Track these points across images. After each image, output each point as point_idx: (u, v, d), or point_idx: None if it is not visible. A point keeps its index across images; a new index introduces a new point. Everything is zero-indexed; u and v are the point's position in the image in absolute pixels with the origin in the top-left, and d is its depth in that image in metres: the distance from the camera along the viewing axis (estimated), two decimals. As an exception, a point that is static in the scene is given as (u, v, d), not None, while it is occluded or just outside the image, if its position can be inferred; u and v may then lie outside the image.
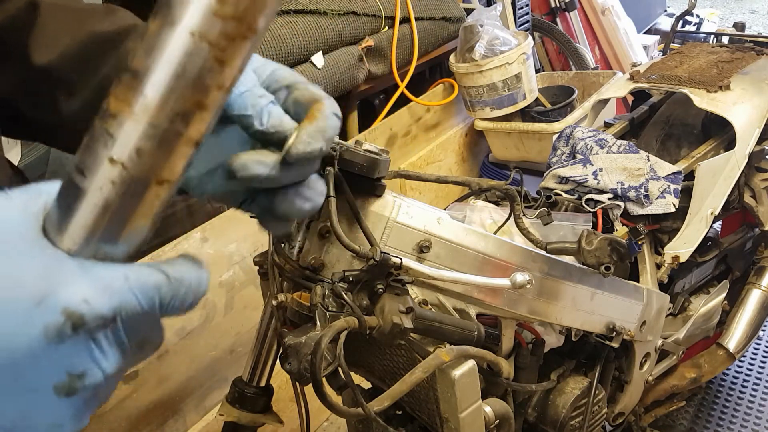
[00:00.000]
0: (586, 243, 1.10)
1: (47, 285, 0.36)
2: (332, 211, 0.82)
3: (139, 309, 0.39)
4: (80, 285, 0.37)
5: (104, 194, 0.38)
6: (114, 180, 0.38)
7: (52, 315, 0.36)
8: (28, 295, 0.36)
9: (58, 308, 0.36)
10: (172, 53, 0.36)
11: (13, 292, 0.36)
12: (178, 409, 1.72)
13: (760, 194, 1.72)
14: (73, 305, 0.36)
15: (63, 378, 0.37)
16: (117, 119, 0.37)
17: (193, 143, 0.39)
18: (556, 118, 2.88)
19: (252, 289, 1.84)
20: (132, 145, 0.37)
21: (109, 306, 0.37)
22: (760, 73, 1.75)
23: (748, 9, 6.72)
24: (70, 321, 0.36)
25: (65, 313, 0.36)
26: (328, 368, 0.77)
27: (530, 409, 1.24)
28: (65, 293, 0.36)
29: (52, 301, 0.36)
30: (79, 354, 0.37)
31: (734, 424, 2.04)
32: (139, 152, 0.37)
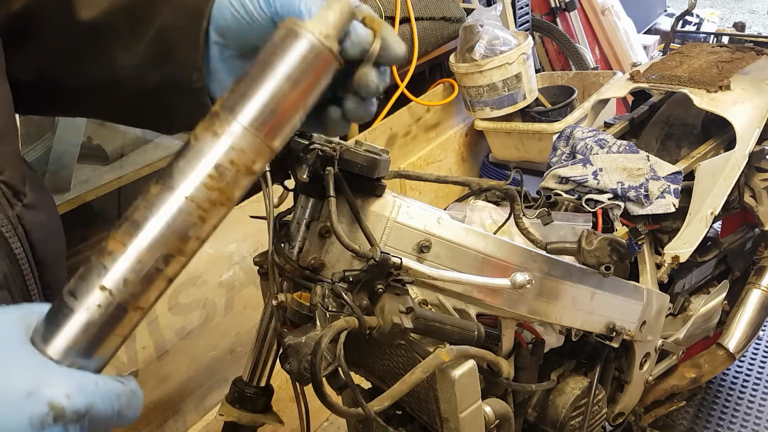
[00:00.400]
0: (586, 243, 1.10)
1: (37, 382, 0.43)
2: (332, 211, 0.82)
3: (103, 411, 0.46)
4: (63, 384, 0.44)
5: (90, 314, 0.47)
6: (100, 303, 0.47)
7: (38, 406, 0.42)
8: (20, 389, 0.43)
9: (44, 401, 0.43)
10: (167, 209, 0.48)
11: (7, 385, 0.43)
12: (178, 409, 1.72)
13: (760, 194, 1.72)
14: (56, 399, 0.43)
15: None
16: (112, 255, 0.47)
17: (168, 279, 0.49)
18: (556, 118, 2.88)
19: (252, 289, 1.84)
20: (120, 276, 0.47)
21: (83, 403, 0.44)
22: (760, 73, 1.75)
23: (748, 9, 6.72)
24: (53, 412, 0.43)
25: (50, 405, 0.43)
26: (328, 368, 0.78)
27: (530, 409, 1.24)
28: (51, 389, 0.43)
29: (40, 394, 0.43)
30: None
31: (734, 424, 2.04)
32: (125, 282, 0.47)
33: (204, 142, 0.49)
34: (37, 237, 0.64)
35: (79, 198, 1.79)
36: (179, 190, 0.49)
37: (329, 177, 0.83)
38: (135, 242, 0.48)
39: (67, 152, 1.81)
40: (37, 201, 0.65)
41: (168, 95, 0.64)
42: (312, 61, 0.51)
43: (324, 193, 0.84)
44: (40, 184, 0.70)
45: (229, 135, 0.49)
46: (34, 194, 0.65)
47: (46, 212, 0.67)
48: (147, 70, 0.63)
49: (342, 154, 0.85)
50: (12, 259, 0.60)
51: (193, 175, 0.49)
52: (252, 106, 0.50)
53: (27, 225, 0.63)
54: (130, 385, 0.49)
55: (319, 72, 0.52)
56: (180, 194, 0.48)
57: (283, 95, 0.51)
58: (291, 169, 0.89)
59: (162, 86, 0.64)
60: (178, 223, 0.48)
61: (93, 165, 1.93)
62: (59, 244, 0.71)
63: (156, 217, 0.48)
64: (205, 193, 0.49)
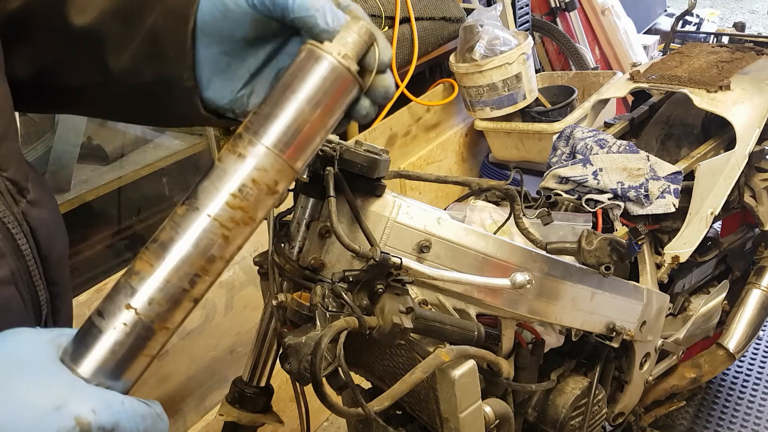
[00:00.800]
0: (586, 243, 1.10)
1: (65, 397, 0.45)
2: (332, 211, 0.82)
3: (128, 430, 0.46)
4: (90, 400, 0.45)
5: (118, 335, 0.48)
6: (128, 323, 0.48)
7: (66, 420, 0.43)
8: (49, 402, 0.44)
9: (71, 415, 0.44)
10: (193, 229, 0.49)
11: (36, 399, 0.44)
12: (178, 409, 1.72)
13: (760, 194, 1.72)
14: (83, 415, 0.44)
15: None
16: (140, 276, 0.49)
17: (194, 300, 0.50)
18: (556, 118, 2.88)
19: (252, 289, 1.84)
20: (148, 296, 0.48)
21: (108, 420, 0.45)
22: (760, 73, 1.75)
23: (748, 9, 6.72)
24: (79, 427, 0.43)
25: (77, 420, 0.44)
26: (328, 368, 0.78)
27: (530, 409, 1.24)
28: (78, 405, 0.44)
29: (67, 409, 0.44)
30: None
31: (734, 424, 2.04)
32: (153, 302, 0.48)
33: (228, 163, 0.51)
34: (42, 233, 0.64)
35: (79, 198, 1.79)
36: (203, 210, 0.50)
37: (329, 177, 0.83)
38: (161, 263, 0.49)
39: (67, 152, 1.81)
40: (41, 198, 0.66)
41: (160, 93, 0.65)
42: (333, 82, 0.53)
43: (324, 193, 0.84)
44: (42, 182, 0.70)
45: (253, 156, 0.51)
46: (36, 191, 0.65)
47: (49, 209, 0.68)
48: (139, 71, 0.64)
49: (342, 154, 0.85)
50: (19, 255, 0.61)
51: (216, 195, 0.50)
52: (275, 128, 0.51)
53: (32, 221, 0.63)
54: (156, 409, 0.50)
55: (340, 93, 0.54)
56: (204, 214, 0.50)
57: (305, 117, 0.52)
58: (291, 169, 0.89)
59: (154, 85, 0.64)
60: (203, 243, 0.50)
61: (93, 165, 1.93)
62: (62, 240, 0.72)
63: (181, 237, 0.49)
64: (229, 212, 0.50)
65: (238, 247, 0.52)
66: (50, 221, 0.67)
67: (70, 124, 1.83)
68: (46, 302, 0.65)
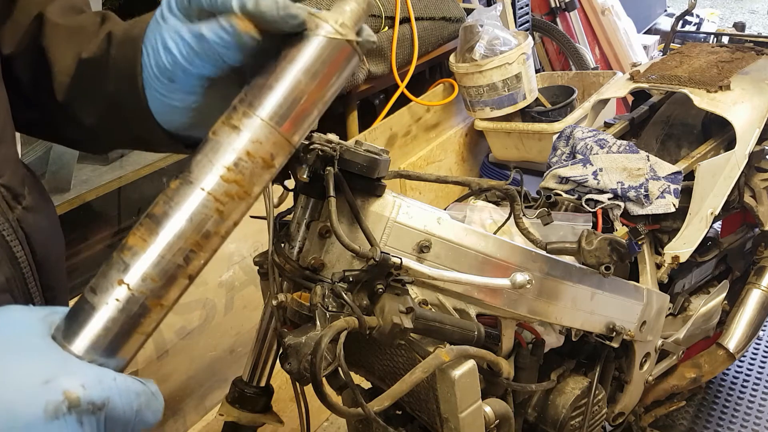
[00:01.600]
0: (586, 243, 1.10)
1: (54, 371, 0.43)
2: (332, 211, 0.82)
3: (121, 407, 0.45)
4: (80, 375, 0.44)
5: (110, 310, 0.46)
6: (120, 300, 0.46)
7: (54, 394, 0.42)
8: (38, 377, 0.43)
9: (60, 389, 0.43)
10: (187, 204, 0.48)
11: (25, 374, 0.43)
12: (178, 409, 1.72)
13: (760, 194, 1.72)
14: (72, 388, 0.43)
15: None
16: (133, 251, 0.47)
17: (189, 276, 0.49)
18: (556, 118, 2.88)
19: (252, 289, 1.84)
20: (142, 272, 0.47)
21: (99, 395, 0.44)
22: (760, 73, 1.75)
23: (748, 9, 6.72)
24: (67, 401, 0.43)
25: (65, 394, 0.43)
26: (328, 368, 0.77)
27: (530, 409, 1.24)
28: (68, 379, 0.43)
29: (56, 383, 0.43)
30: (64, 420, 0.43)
31: (734, 424, 2.04)
32: (147, 278, 0.47)
33: (222, 136, 0.49)
34: (38, 240, 0.64)
35: (79, 198, 1.79)
36: (197, 184, 0.48)
37: (329, 177, 0.83)
38: (155, 238, 0.47)
39: (67, 152, 1.81)
40: (37, 204, 0.66)
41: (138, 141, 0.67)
42: (331, 53, 0.51)
43: (324, 193, 0.83)
44: (39, 187, 0.70)
45: (248, 128, 0.49)
46: (33, 197, 0.65)
47: (45, 215, 0.67)
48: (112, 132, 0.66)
49: (342, 154, 0.84)
50: (14, 263, 0.61)
51: (210, 169, 0.48)
52: (271, 100, 0.49)
53: (27, 228, 0.63)
54: (150, 387, 0.49)
55: (338, 64, 0.52)
56: (198, 188, 0.48)
57: (302, 88, 0.50)
58: (291, 169, 0.89)
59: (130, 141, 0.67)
60: (197, 218, 0.48)
61: (93, 165, 1.94)
62: (59, 246, 0.72)
63: (175, 212, 0.48)
64: (224, 186, 0.48)
65: (234, 223, 0.50)
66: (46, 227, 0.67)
67: (70, 124, 1.83)
68: None
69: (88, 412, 0.43)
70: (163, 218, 0.48)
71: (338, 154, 0.84)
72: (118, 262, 0.47)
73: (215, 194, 0.48)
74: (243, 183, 0.49)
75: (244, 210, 0.51)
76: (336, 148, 0.84)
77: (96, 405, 0.44)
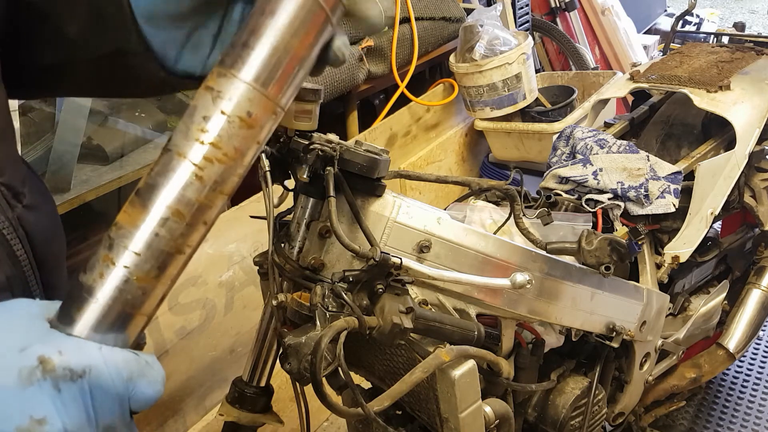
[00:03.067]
0: (586, 243, 1.10)
1: (32, 341, 0.43)
2: (332, 211, 0.82)
3: (107, 376, 0.43)
4: (59, 342, 0.43)
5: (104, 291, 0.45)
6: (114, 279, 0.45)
7: (28, 360, 0.41)
8: (15, 345, 0.42)
9: (35, 355, 0.42)
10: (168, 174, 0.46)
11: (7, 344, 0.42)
12: (178, 409, 1.72)
13: (760, 194, 1.72)
14: (47, 354, 0.42)
15: (25, 422, 0.41)
16: (118, 226, 0.46)
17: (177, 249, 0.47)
18: (556, 118, 2.88)
19: (252, 289, 1.83)
20: (127, 248, 0.45)
21: (77, 361, 0.42)
22: (760, 73, 1.75)
23: (748, 9, 6.72)
24: (41, 366, 0.41)
25: (39, 359, 0.41)
26: (328, 368, 0.78)
27: (530, 409, 1.24)
28: (44, 346, 0.42)
29: (32, 350, 0.42)
30: (43, 399, 0.41)
31: (734, 424, 2.04)
32: (137, 256, 0.45)
33: (198, 99, 0.47)
34: (38, 238, 0.64)
35: (79, 198, 1.79)
36: (174, 150, 0.46)
37: (329, 177, 0.83)
38: (139, 210, 0.46)
39: (67, 152, 1.81)
40: (37, 202, 0.65)
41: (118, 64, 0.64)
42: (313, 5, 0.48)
43: (324, 193, 0.84)
44: (40, 186, 0.70)
45: (221, 86, 0.46)
46: (33, 195, 0.65)
47: (46, 213, 0.67)
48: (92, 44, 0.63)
49: (342, 154, 0.85)
50: (14, 261, 0.60)
51: (186, 134, 0.46)
52: (252, 60, 0.47)
53: (27, 226, 0.63)
54: (143, 357, 0.47)
55: (321, 17, 0.49)
56: (174, 154, 0.46)
57: (284, 46, 0.47)
58: (291, 169, 0.89)
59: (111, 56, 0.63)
60: (176, 186, 0.46)
61: (93, 165, 1.93)
62: (60, 245, 0.71)
63: (156, 182, 0.46)
64: (200, 150, 0.46)
65: (220, 190, 0.48)
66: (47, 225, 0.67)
67: (70, 124, 1.83)
68: None
69: (65, 378, 0.42)
70: (145, 190, 0.46)
71: (338, 154, 0.84)
72: (105, 240, 0.46)
73: (192, 160, 0.46)
74: (221, 145, 0.46)
75: (230, 175, 0.48)
76: (336, 148, 0.84)
77: (74, 371, 0.42)
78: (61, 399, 0.42)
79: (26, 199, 0.63)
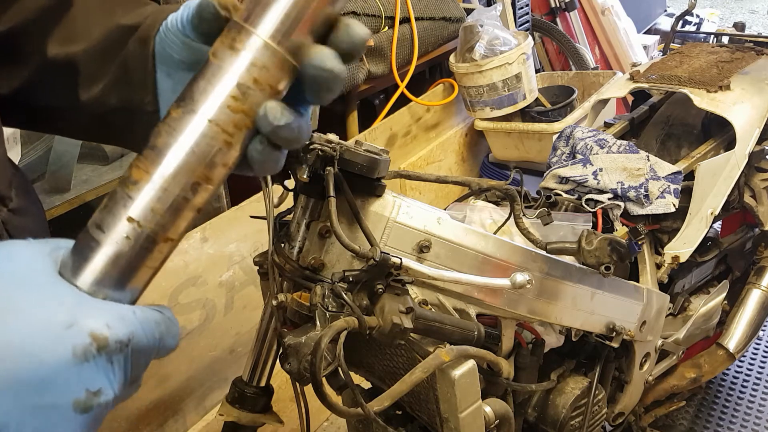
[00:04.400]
0: (586, 243, 1.10)
1: (75, 313, 0.42)
2: (332, 211, 0.82)
3: (144, 339, 0.45)
4: (103, 314, 0.43)
5: (118, 246, 0.45)
6: (128, 235, 0.45)
7: (81, 337, 0.41)
8: (59, 320, 0.41)
9: (85, 331, 0.41)
10: (190, 134, 0.45)
11: (45, 317, 0.41)
12: (178, 409, 1.72)
13: (760, 194, 1.72)
14: (98, 330, 0.42)
15: (81, 395, 0.42)
16: (137, 185, 0.45)
17: (196, 209, 0.47)
18: (556, 118, 2.88)
19: (252, 289, 1.84)
20: (147, 206, 0.45)
21: (124, 332, 0.43)
22: (760, 73, 1.75)
23: (748, 9, 6.72)
24: (96, 343, 0.42)
25: (92, 336, 0.42)
26: (328, 368, 0.78)
27: (530, 409, 1.24)
28: (91, 320, 0.42)
29: (80, 325, 0.42)
30: (98, 373, 0.42)
31: (734, 424, 2.04)
32: (153, 211, 0.45)
33: (224, 60, 0.46)
34: None
35: (79, 198, 1.79)
36: (201, 114, 0.46)
37: (329, 177, 0.83)
38: (159, 170, 0.45)
39: (67, 152, 1.81)
40: (24, 206, 0.65)
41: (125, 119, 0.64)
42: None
43: (324, 193, 0.84)
44: (28, 189, 0.69)
45: (252, 51, 0.45)
46: (20, 199, 0.64)
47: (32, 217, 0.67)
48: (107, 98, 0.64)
49: (342, 154, 0.85)
50: None
51: (214, 97, 0.46)
52: (272, 15, 0.45)
53: (12, 230, 0.62)
54: (166, 313, 0.48)
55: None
56: (202, 118, 0.46)
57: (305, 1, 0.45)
58: (291, 169, 0.89)
59: (119, 110, 0.63)
60: (203, 149, 0.46)
61: (93, 165, 1.93)
62: None
63: (179, 143, 0.45)
64: (229, 115, 0.46)
65: (240, 152, 0.48)
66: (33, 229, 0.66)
67: (70, 124, 1.83)
68: None
69: (116, 351, 0.43)
70: (166, 150, 0.45)
71: (338, 154, 0.84)
72: (123, 197, 0.45)
73: (222, 125, 0.45)
74: (249, 112, 0.46)
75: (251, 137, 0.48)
76: (336, 148, 0.84)
77: (123, 342, 0.43)
78: (113, 370, 0.43)
79: (12, 203, 0.63)
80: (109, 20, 0.64)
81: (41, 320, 0.41)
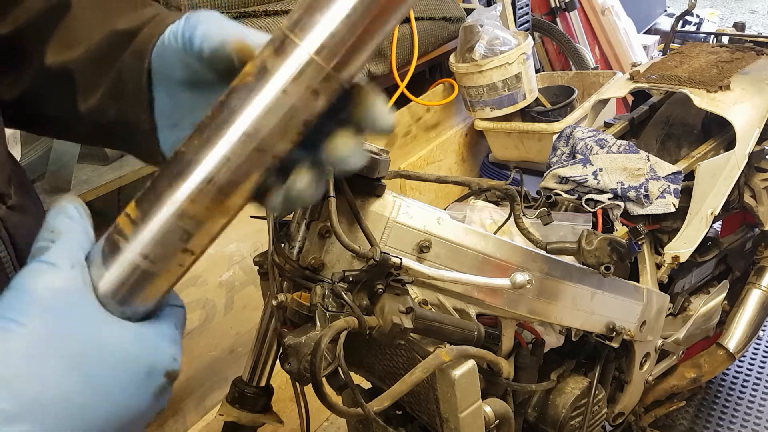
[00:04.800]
0: (586, 243, 1.10)
1: (149, 356, 0.45)
2: (332, 211, 0.82)
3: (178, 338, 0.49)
4: (168, 348, 0.46)
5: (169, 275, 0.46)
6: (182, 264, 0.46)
7: (158, 379, 0.45)
8: (140, 369, 0.44)
9: (161, 372, 0.45)
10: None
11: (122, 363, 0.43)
12: (178, 409, 1.72)
13: (760, 194, 1.72)
14: (170, 366, 0.46)
15: (151, 418, 0.46)
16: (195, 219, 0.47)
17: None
18: (556, 118, 2.88)
19: (252, 289, 1.84)
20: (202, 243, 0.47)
21: (177, 352, 0.47)
22: (760, 73, 1.75)
23: (748, 9, 6.73)
24: (169, 379, 0.46)
25: (166, 375, 0.45)
26: (328, 368, 0.78)
27: (530, 409, 1.24)
28: (162, 359, 0.45)
29: (157, 368, 0.45)
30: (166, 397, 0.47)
31: (734, 424, 2.04)
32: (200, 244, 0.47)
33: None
34: (23, 240, 0.62)
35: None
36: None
37: (329, 177, 0.83)
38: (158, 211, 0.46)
39: (67, 152, 1.81)
40: (24, 203, 0.64)
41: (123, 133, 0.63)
42: None
43: (324, 193, 0.84)
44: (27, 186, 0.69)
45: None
46: (19, 196, 0.64)
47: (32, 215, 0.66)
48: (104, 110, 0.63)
49: (342, 154, 0.84)
50: None
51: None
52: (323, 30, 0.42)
53: (11, 228, 0.61)
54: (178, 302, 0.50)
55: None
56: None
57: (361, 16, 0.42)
58: (291, 169, 0.89)
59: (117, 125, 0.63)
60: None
61: (93, 165, 1.93)
62: None
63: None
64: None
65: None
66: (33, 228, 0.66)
67: (70, 124, 1.83)
68: None
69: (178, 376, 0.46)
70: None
71: (338, 154, 0.84)
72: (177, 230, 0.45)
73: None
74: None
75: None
76: (336, 148, 0.84)
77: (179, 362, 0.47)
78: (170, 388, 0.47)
79: (11, 200, 0.62)
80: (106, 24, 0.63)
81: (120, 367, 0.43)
